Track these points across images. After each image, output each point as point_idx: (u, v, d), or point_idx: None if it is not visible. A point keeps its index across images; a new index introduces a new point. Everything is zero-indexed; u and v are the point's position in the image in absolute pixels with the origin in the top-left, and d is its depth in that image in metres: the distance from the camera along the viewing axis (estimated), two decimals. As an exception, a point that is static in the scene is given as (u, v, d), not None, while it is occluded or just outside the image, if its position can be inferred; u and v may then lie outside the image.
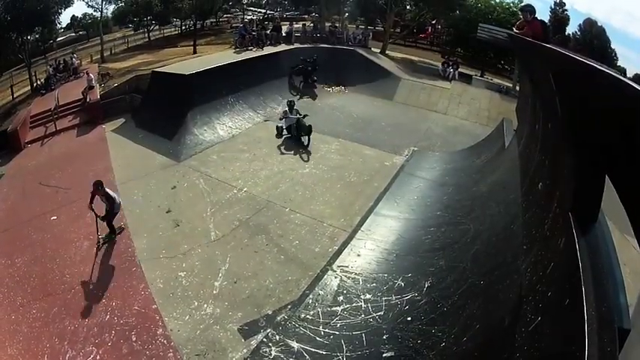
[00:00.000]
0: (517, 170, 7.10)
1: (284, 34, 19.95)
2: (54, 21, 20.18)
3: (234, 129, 12.99)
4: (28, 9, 17.69)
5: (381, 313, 5.68)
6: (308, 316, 5.74)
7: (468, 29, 19.77)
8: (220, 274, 6.71)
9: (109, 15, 23.56)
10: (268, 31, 19.52)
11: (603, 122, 2.91)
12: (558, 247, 3.67)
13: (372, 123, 14.11)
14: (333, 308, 5.84)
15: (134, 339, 5.58)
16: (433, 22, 25.73)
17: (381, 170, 10.31)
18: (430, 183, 9.54)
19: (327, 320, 5.63)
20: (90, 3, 21.24)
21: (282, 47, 18.79)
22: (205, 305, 6.09)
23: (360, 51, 20.31)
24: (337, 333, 5.40)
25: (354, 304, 5.85)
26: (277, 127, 12.77)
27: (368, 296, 5.95)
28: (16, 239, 8.18)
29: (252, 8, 31.56)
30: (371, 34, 22.73)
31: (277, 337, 5.41)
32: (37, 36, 19.82)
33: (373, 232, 7.58)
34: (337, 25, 23.31)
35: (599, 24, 21.60)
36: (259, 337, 5.49)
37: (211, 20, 28.49)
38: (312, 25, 22.24)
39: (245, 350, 5.31)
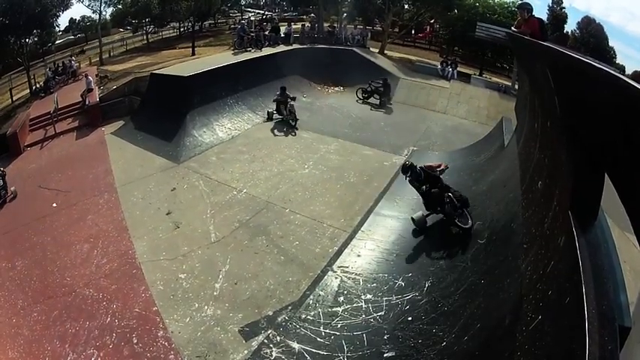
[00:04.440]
0: (517, 169, 7.10)
1: (282, 35, 19.96)
2: (52, 24, 20.14)
3: (233, 130, 12.99)
4: (27, 12, 17.68)
5: (382, 313, 5.68)
6: (309, 317, 5.74)
7: (466, 29, 19.75)
8: (221, 276, 6.71)
9: (108, 17, 23.53)
10: (267, 32, 19.53)
11: (601, 120, 2.91)
12: (558, 246, 3.67)
13: (371, 123, 14.12)
14: (334, 309, 5.84)
15: (135, 341, 5.58)
16: (432, 21, 25.71)
17: (380, 170, 10.31)
18: (430, 182, 9.51)
19: (328, 321, 5.63)
20: (89, 5, 21.21)
21: (281, 48, 18.81)
22: (206, 307, 6.09)
23: (359, 51, 20.30)
24: (338, 333, 5.40)
25: (354, 305, 5.85)
26: (268, 112, 13.97)
27: (368, 296, 5.95)
28: (16, 242, 8.19)
29: (250, 9, 31.56)
30: (369, 34, 22.69)
31: (278, 338, 5.41)
32: (35, 39, 19.77)
33: (373, 232, 7.58)
34: (335, 25, 23.31)
35: (598, 22, 21.58)
36: (260, 338, 5.49)
37: (210, 22, 28.48)
38: (309, 25, 22.26)
39: (246, 351, 5.31)
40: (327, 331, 5.46)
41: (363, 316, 5.66)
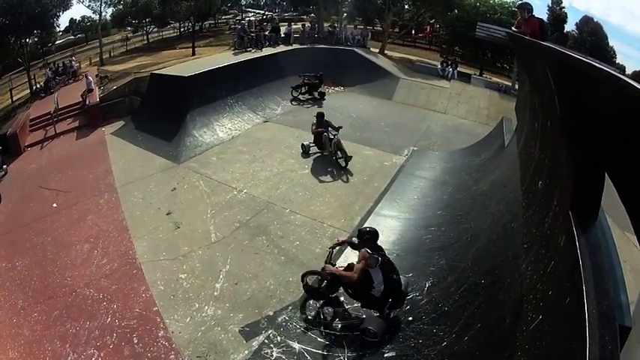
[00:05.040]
0: (517, 169, 7.10)
1: (283, 35, 19.98)
2: (52, 24, 20.16)
3: (233, 130, 13.00)
4: (27, 12, 17.69)
5: (382, 313, 5.69)
6: (309, 317, 5.75)
7: (466, 29, 19.75)
8: (221, 276, 6.71)
9: (108, 18, 23.54)
10: (267, 32, 19.54)
11: (601, 120, 2.91)
12: (559, 246, 3.67)
13: (371, 123, 14.10)
14: (335, 309, 5.84)
15: (136, 341, 5.58)
16: (432, 21, 25.72)
17: (380, 170, 10.30)
18: (430, 182, 9.53)
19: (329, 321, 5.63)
20: (89, 5, 21.22)
21: (281, 48, 18.84)
22: (206, 307, 6.09)
23: (359, 51, 20.32)
24: (338, 333, 5.41)
25: (355, 304, 5.85)
26: (303, 144, 11.14)
27: (369, 296, 5.93)
28: (16, 242, 8.19)
29: (250, 9, 31.57)
30: (369, 34, 22.72)
31: (279, 338, 5.42)
32: (35, 39, 19.80)
33: (373, 232, 7.56)
34: (336, 25, 23.33)
35: (597, 21, 21.60)
36: (260, 338, 5.48)
37: (210, 22, 28.50)
38: (310, 25, 22.28)
39: (246, 351, 5.31)
40: (328, 330, 5.47)
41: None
